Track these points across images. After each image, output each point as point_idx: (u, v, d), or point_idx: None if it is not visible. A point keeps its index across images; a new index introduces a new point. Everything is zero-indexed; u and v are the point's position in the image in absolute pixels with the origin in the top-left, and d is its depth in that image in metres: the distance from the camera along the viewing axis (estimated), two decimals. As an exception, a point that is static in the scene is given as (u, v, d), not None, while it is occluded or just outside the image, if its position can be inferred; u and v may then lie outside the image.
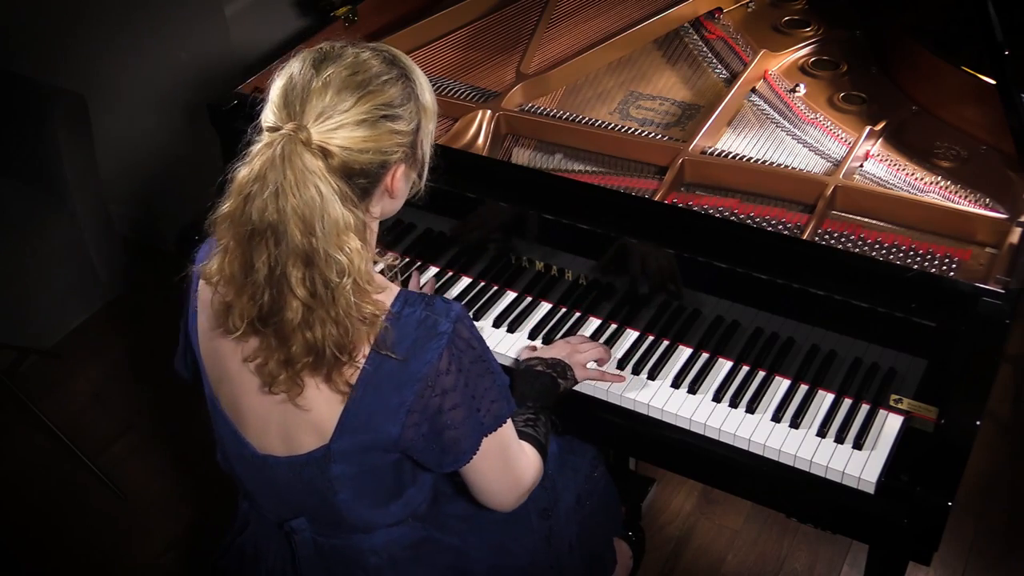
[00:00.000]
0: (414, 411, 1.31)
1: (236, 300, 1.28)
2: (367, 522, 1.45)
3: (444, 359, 1.30)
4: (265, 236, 1.22)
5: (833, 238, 1.73)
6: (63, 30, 2.99)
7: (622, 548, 2.13)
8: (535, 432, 1.53)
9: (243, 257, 1.25)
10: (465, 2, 2.32)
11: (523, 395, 1.60)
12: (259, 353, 1.31)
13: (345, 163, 1.24)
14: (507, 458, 1.43)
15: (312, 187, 1.20)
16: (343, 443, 1.34)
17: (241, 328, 1.29)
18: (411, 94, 1.31)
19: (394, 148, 1.29)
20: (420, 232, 1.99)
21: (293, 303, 1.24)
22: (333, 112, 1.24)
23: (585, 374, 1.70)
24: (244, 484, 1.51)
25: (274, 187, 1.20)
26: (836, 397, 1.67)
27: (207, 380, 1.45)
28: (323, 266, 1.22)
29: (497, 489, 1.44)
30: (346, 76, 1.26)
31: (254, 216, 1.22)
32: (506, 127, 2.04)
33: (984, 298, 1.51)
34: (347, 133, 1.24)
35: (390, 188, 1.33)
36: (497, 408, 1.37)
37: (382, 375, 1.31)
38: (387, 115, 1.27)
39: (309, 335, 1.25)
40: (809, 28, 2.25)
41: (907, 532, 1.51)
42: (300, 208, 1.20)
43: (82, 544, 2.49)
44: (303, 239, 1.21)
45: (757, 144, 1.94)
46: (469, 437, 1.35)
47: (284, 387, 1.30)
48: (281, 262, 1.22)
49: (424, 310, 1.31)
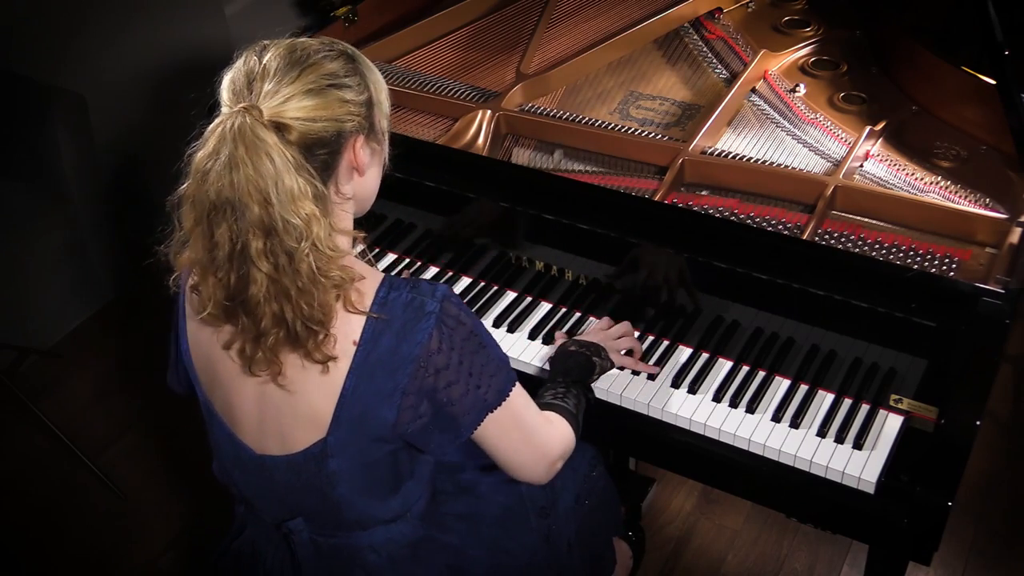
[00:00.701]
0: (409, 393, 1.32)
1: (203, 282, 1.30)
2: (366, 517, 1.45)
3: (435, 338, 1.31)
4: (224, 212, 1.24)
5: (833, 238, 1.73)
6: (63, 30, 2.99)
7: (622, 548, 2.13)
8: (564, 403, 1.55)
9: (205, 237, 1.27)
10: (465, 2, 2.32)
11: (557, 372, 1.62)
12: (235, 337, 1.32)
13: (302, 135, 1.26)
14: (526, 429, 1.43)
15: (264, 156, 1.22)
16: (340, 435, 1.35)
17: (209, 308, 1.30)
18: (355, 69, 1.33)
19: (346, 116, 1.30)
20: (420, 232, 1.99)
21: (258, 276, 1.25)
22: (279, 87, 1.26)
23: (620, 360, 1.72)
24: (242, 491, 1.51)
25: (227, 160, 1.22)
26: (836, 397, 1.67)
27: (200, 385, 1.45)
28: (282, 234, 1.23)
29: (523, 461, 1.45)
30: (285, 54, 1.29)
31: (211, 193, 1.24)
32: (506, 127, 2.04)
33: (984, 298, 1.51)
34: (297, 103, 1.26)
35: (355, 162, 1.34)
36: (498, 382, 1.37)
37: (374, 362, 1.31)
38: (333, 84, 1.29)
39: (276, 307, 1.26)
40: (809, 28, 2.25)
41: (907, 532, 1.51)
42: (254, 178, 1.22)
43: (82, 544, 2.49)
44: (260, 210, 1.22)
45: (757, 144, 1.94)
46: (469, 413, 1.35)
47: (263, 366, 1.31)
48: (242, 236, 1.24)
49: (410, 292, 1.32)
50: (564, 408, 1.54)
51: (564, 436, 1.51)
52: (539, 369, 1.78)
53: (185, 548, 2.47)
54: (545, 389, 1.59)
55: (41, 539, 2.51)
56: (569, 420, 1.53)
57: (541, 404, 1.53)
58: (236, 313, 1.29)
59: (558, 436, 1.50)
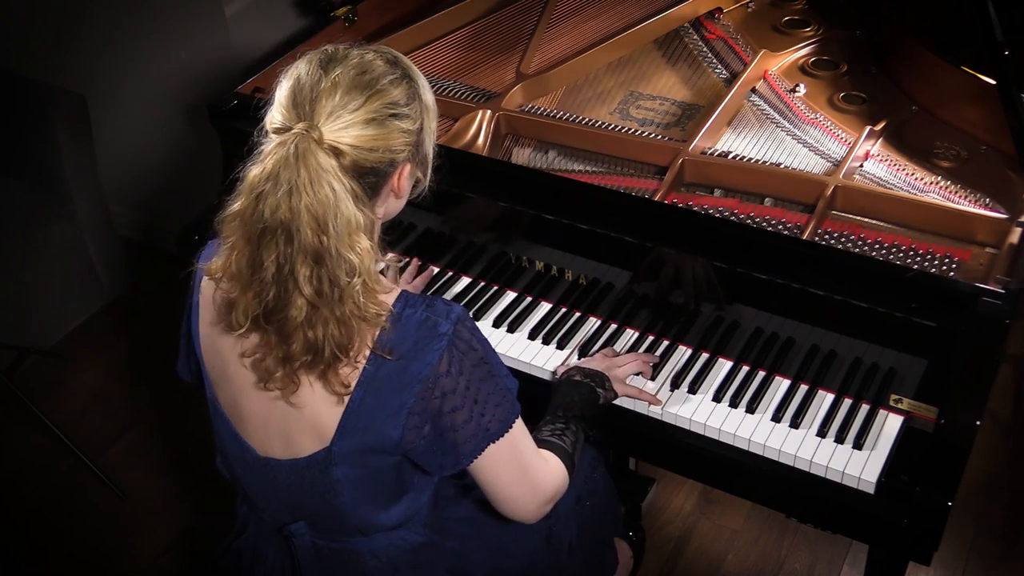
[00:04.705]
0: (414, 413, 1.31)
1: (241, 297, 1.29)
2: (369, 525, 1.45)
3: (444, 361, 1.30)
4: (276, 234, 1.23)
5: (833, 238, 1.73)
6: (63, 30, 2.99)
7: (623, 548, 2.12)
8: (561, 442, 1.51)
9: (251, 255, 1.26)
10: (465, 2, 2.32)
11: (559, 405, 1.58)
12: (258, 349, 1.31)
13: (356, 162, 1.25)
14: (522, 464, 1.41)
15: (326, 185, 1.21)
16: (344, 445, 1.34)
17: (245, 325, 1.29)
18: (415, 94, 1.32)
19: (401, 147, 1.30)
20: (420, 232, 1.99)
21: (298, 301, 1.25)
22: (343, 111, 1.24)
23: (624, 390, 1.68)
24: (245, 488, 1.51)
25: (288, 185, 1.21)
26: (836, 397, 1.67)
27: (208, 381, 1.45)
28: (333, 265, 1.23)
29: (516, 495, 1.42)
30: (354, 76, 1.27)
31: (266, 214, 1.22)
32: (506, 127, 2.04)
33: (984, 298, 1.51)
34: (357, 132, 1.25)
35: (396, 188, 1.34)
36: (502, 412, 1.36)
37: (382, 377, 1.31)
38: (395, 114, 1.28)
39: (311, 334, 1.26)
40: (809, 28, 2.25)
41: (907, 532, 1.51)
42: (313, 206, 1.21)
43: (82, 544, 2.49)
44: (314, 238, 1.22)
45: (757, 144, 1.94)
46: (471, 441, 1.34)
47: (280, 384, 1.31)
48: (290, 260, 1.23)
49: (425, 311, 1.31)
50: (560, 447, 1.50)
51: (557, 476, 1.47)
52: (539, 370, 1.78)
53: (185, 548, 2.47)
54: (544, 423, 1.55)
55: (41, 539, 2.51)
56: (564, 460, 1.49)
57: (538, 440, 1.49)
58: (266, 329, 1.29)
59: (553, 476, 1.46)
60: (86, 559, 2.46)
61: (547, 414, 1.58)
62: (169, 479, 2.63)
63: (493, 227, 1.91)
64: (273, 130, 1.27)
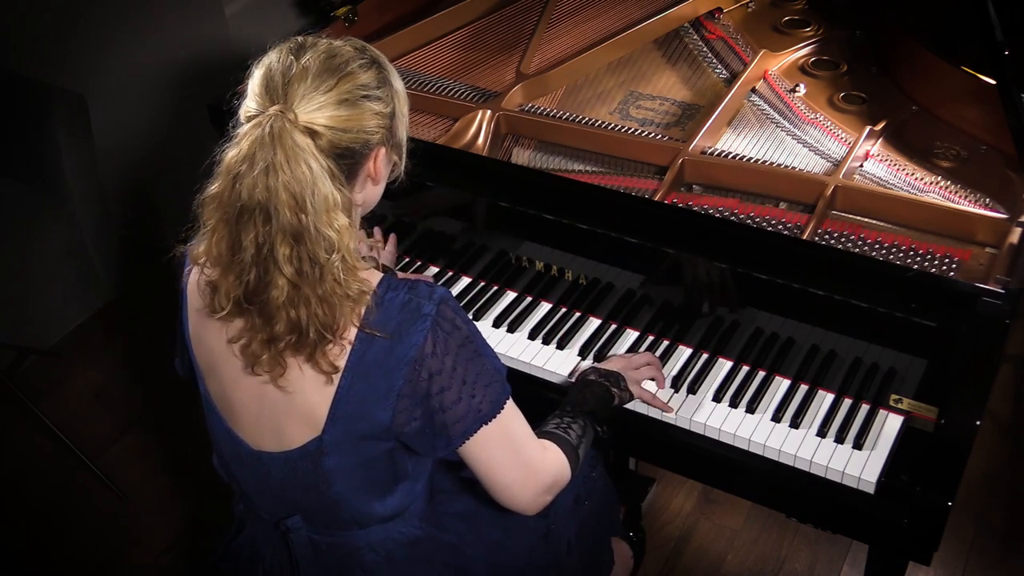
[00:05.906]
0: (404, 396, 1.32)
1: (222, 280, 1.30)
2: (363, 515, 1.45)
3: (429, 341, 1.31)
4: (254, 214, 1.24)
5: (833, 238, 1.73)
6: (63, 30, 2.99)
7: (623, 548, 2.12)
8: (565, 434, 1.51)
9: (231, 236, 1.27)
10: (465, 2, 2.32)
11: (569, 402, 1.59)
12: (243, 334, 1.32)
13: (332, 143, 1.27)
14: (515, 447, 1.41)
15: (303, 164, 1.22)
16: (335, 433, 1.35)
17: (227, 308, 1.30)
18: (385, 79, 1.34)
19: (375, 129, 1.31)
20: (420, 232, 1.99)
21: (279, 281, 1.25)
22: (315, 93, 1.26)
23: (639, 392, 1.68)
24: (240, 485, 1.52)
25: (264, 164, 1.22)
26: (836, 397, 1.67)
27: (200, 373, 1.45)
28: (312, 243, 1.24)
29: (510, 480, 1.41)
30: (324, 60, 1.29)
31: (244, 195, 1.23)
32: (506, 127, 2.04)
33: (984, 298, 1.51)
34: (331, 112, 1.26)
35: (373, 172, 1.36)
36: (493, 393, 1.36)
37: (369, 362, 1.31)
38: (366, 95, 1.30)
39: (293, 313, 1.26)
40: (809, 28, 2.25)
41: (907, 532, 1.51)
42: (291, 184, 1.22)
43: (82, 544, 2.49)
44: (293, 216, 1.23)
45: (757, 144, 1.94)
46: (461, 421, 1.34)
47: (266, 367, 1.31)
48: (269, 240, 1.24)
49: (407, 293, 1.32)
50: (564, 439, 1.50)
51: (556, 464, 1.46)
52: (539, 370, 1.78)
53: (185, 548, 2.47)
54: (551, 416, 1.55)
55: (41, 539, 2.51)
56: (566, 451, 1.48)
57: (540, 432, 1.49)
58: (249, 311, 1.30)
59: (550, 463, 1.45)
60: (86, 559, 2.46)
61: (556, 408, 1.58)
62: (169, 479, 2.63)
63: (493, 227, 1.91)
64: (247, 118, 1.28)
